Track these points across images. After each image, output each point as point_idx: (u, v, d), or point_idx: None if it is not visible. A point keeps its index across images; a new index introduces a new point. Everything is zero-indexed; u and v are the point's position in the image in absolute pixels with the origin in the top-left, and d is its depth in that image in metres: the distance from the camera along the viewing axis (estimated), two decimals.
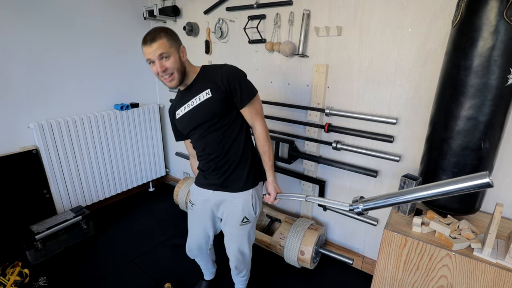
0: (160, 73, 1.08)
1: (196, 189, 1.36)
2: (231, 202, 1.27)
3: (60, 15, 2.04)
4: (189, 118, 1.20)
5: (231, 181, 1.26)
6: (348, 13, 1.57)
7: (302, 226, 1.84)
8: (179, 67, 1.10)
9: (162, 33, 1.06)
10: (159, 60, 1.06)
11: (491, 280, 1.04)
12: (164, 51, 1.05)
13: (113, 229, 2.29)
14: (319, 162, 1.84)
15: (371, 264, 1.86)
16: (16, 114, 1.94)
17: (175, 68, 1.09)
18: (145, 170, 2.76)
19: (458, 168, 1.16)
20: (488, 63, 1.02)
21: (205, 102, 1.14)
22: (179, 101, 1.23)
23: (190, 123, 1.20)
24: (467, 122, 1.10)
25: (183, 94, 1.22)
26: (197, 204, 1.36)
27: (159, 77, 1.11)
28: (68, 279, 1.78)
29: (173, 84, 1.12)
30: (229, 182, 1.26)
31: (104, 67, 2.36)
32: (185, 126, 1.23)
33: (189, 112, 1.19)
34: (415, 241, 1.17)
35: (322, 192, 1.91)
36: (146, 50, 1.06)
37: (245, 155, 1.25)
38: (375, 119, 1.58)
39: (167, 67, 1.07)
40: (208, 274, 1.71)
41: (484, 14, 0.99)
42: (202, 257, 1.55)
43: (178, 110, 1.23)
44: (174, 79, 1.10)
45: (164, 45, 1.06)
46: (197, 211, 1.37)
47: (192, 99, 1.17)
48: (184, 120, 1.22)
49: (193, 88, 1.18)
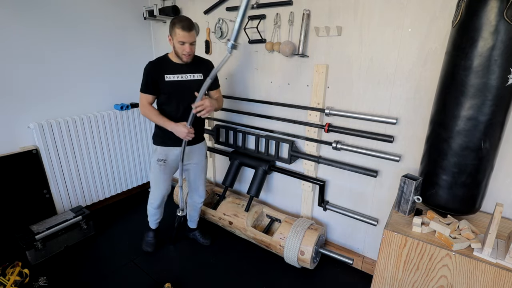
0: (188, 52, 1.57)
1: (163, 150, 1.75)
2: (197, 149, 1.85)
3: (60, 15, 2.04)
4: (179, 84, 1.64)
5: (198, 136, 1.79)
6: (348, 13, 1.57)
7: (302, 226, 1.84)
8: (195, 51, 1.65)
9: (194, 26, 1.56)
10: (189, 44, 1.55)
11: (491, 280, 1.04)
12: (194, 40, 1.59)
13: (113, 229, 2.29)
14: (319, 162, 1.84)
15: (371, 264, 1.86)
16: (16, 114, 1.94)
17: (193, 52, 1.63)
18: (145, 170, 2.76)
19: (458, 168, 1.16)
20: (488, 63, 1.02)
21: (197, 80, 1.68)
22: (172, 69, 1.64)
23: (179, 88, 1.64)
24: (467, 122, 1.10)
25: (178, 65, 1.65)
26: (169, 159, 1.76)
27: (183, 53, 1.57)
28: (68, 279, 1.78)
29: (189, 59, 1.61)
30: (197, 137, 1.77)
31: (104, 67, 2.36)
32: (173, 88, 1.64)
33: (182, 81, 1.65)
34: (415, 241, 1.17)
35: (322, 192, 1.91)
36: (184, 35, 1.51)
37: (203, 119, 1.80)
38: (375, 119, 1.58)
39: (192, 50, 1.60)
40: (156, 223, 2.05)
41: (484, 14, 0.99)
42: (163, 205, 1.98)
43: (170, 75, 1.63)
44: (190, 58, 1.62)
45: (195, 37, 1.58)
46: (168, 164, 1.78)
47: (188, 74, 1.67)
48: (174, 84, 1.64)
49: (190, 67, 1.66)
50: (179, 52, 1.57)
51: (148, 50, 2.67)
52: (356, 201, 1.85)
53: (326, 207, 1.93)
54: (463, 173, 1.16)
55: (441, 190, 1.23)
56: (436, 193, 1.25)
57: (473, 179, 1.16)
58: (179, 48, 1.55)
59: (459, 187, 1.18)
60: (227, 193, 2.33)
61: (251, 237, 2.02)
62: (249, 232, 2.01)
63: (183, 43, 1.53)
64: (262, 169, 2.06)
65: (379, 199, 1.75)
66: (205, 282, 1.77)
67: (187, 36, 1.51)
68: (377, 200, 1.76)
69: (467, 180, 1.16)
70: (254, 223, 2.10)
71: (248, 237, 2.06)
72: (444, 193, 1.22)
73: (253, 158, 2.13)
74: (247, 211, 2.10)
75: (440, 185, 1.23)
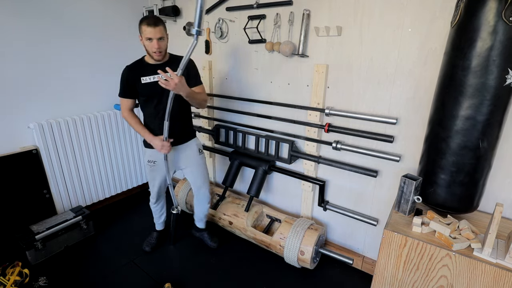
0: (156, 49, 1.52)
1: (153, 152, 1.75)
2: (187, 146, 1.80)
3: (60, 15, 2.04)
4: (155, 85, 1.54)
5: (183, 135, 1.77)
6: (348, 13, 1.57)
7: (302, 226, 1.84)
8: (165, 48, 1.60)
9: (161, 21, 1.52)
10: (157, 40, 1.51)
11: (491, 280, 1.04)
12: (162, 35, 1.54)
13: (113, 229, 2.29)
14: (319, 162, 1.84)
15: (371, 264, 1.86)
16: (16, 114, 1.94)
17: (164, 48, 1.58)
18: (145, 170, 2.76)
19: (457, 167, 1.16)
20: (486, 63, 1.02)
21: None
22: (148, 70, 1.61)
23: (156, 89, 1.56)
24: (466, 121, 1.10)
25: (153, 66, 1.60)
26: (158, 160, 1.77)
27: (152, 50, 1.53)
28: (68, 279, 1.78)
29: (159, 57, 1.57)
30: (182, 137, 1.76)
31: (104, 67, 2.37)
32: (150, 90, 1.62)
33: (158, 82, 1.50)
34: (415, 241, 1.17)
35: (322, 192, 1.91)
36: (149, 30, 1.47)
37: (189, 116, 1.81)
38: (375, 119, 1.58)
39: (161, 46, 1.54)
40: (160, 224, 2.09)
41: (482, 15, 0.99)
42: (162, 201, 2.02)
43: (146, 77, 1.61)
44: (161, 55, 1.57)
45: (163, 31, 1.53)
46: (159, 165, 1.79)
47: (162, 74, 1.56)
48: (150, 86, 1.61)
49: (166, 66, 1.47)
50: (149, 49, 1.54)
51: None
52: (356, 201, 1.85)
53: (326, 207, 1.93)
54: (461, 172, 1.16)
55: (440, 189, 1.23)
56: (435, 192, 1.25)
57: (471, 178, 1.17)
58: (148, 45, 1.53)
59: (457, 185, 1.19)
60: (227, 193, 2.33)
61: (251, 237, 2.02)
62: (249, 232, 2.01)
63: (150, 39, 1.50)
64: (262, 169, 2.06)
65: (379, 199, 1.75)
66: (205, 282, 1.77)
67: (153, 31, 1.48)
68: (377, 200, 1.76)
69: (465, 179, 1.17)
70: (254, 223, 2.10)
71: (248, 237, 2.06)
72: (443, 191, 1.23)
73: (253, 158, 2.13)
74: (247, 211, 2.10)
75: (439, 184, 1.23)
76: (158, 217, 2.06)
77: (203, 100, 1.69)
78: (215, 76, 2.31)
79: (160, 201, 2.01)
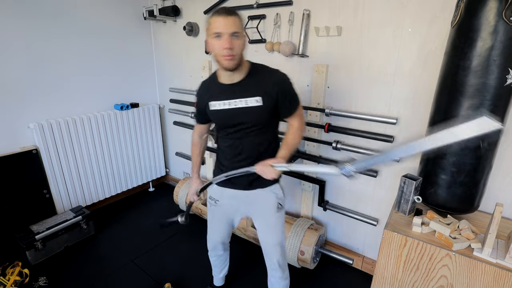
0: (226, 49, 0.99)
1: (219, 188, 1.32)
2: (262, 195, 1.26)
3: (60, 16, 2.04)
4: (229, 116, 1.15)
5: (260, 182, 1.22)
6: (348, 13, 1.57)
7: (302, 226, 1.84)
8: (240, 52, 1.05)
9: (236, 13, 1.02)
10: (229, 36, 0.99)
11: (491, 280, 1.04)
12: (238, 31, 1.00)
13: (113, 229, 2.29)
14: (319, 162, 1.84)
15: (371, 264, 1.86)
16: (16, 114, 1.94)
17: (239, 51, 1.03)
18: (145, 170, 2.76)
19: (457, 167, 1.16)
20: (487, 63, 1.02)
21: (254, 109, 1.11)
22: (219, 93, 1.16)
23: (229, 120, 1.16)
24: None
25: (226, 87, 1.14)
26: (222, 199, 1.33)
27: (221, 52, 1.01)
28: (68, 279, 1.78)
29: (230, 65, 1.04)
30: (257, 183, 1.24)
31: (104, 67, 2.37)
32: (222, 121, 1.19)
33: (231, 110, 1.13)
34: (415, 241, 1.17)
35: (322, 192, 1.91)
36: (219, 22, 0.98)
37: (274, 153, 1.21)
38: (375, 119, 1.58)
39: (234, 46, 1.01)
40: (220, 279, 1.67)
41: (483, 15, 0.99)
42: (224, 253, 1.56)
43: (215, 102, 1.16)
44: (233, 60, 1.03)
45: (238, 25, 1.01)
46: (222, 206, 1.34)
47: (238, 99, 1.11)
48: (222, 115, 1.17)
49: (241, 87, 1.11)
50: (218, 54, 1.03)
51: (148, 50, 2.67)
52: (356, 201, 1.85)
53: (326, 207, 1.93)
54: (461, 172, 1.16)
55: (440, 189, 1.23)
56: (435, 192, 1.25)
57: (472, 178, 1.17)
58: (215, 47, 1.02)
59: (457, 186, 1.19)
60: None
61: (251, 237, 2.02)
62: (249, 232, 2.01)
63: (219, 35, 0.99)
64: None
65: (379, 199, 1.75)
66: (205, 282, 1.77)
67: (223, 23, 0.97)
68: (377, 200, 1.76)
69: (465, 179, 1.17)
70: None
71: (248, 237, 2.06)
72: (443, 192, 1.23)
73: None
74: None
75: (439, 184, 1.23)
76: (218, 271, 1.63)
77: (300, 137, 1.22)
78: None
79: (219, 253, 1.53)
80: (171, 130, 2.89)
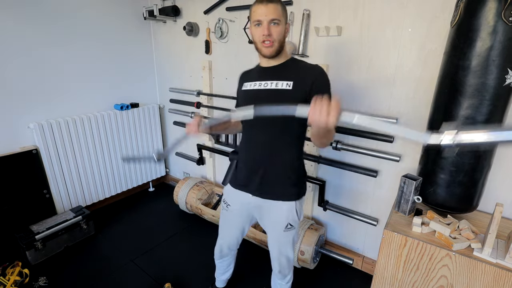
0: (265, 36, 1.02)
1: (232, 190, 1.28)
2: (274, 208, 1.20)
3: (60, 16, 2.04)
4: (255, 97, 1.11)
5: (273, 186, 1.16)
6: (348, 13, 1.57)
7: (302, 226, 1.84)
8: (281, 39, 1.06)
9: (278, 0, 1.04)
10: (268, 23, 1.01)
11: (491, 280, 1.04)
12: (277, 18, 1.02)
13: (113, 229, 2.29)
14: (319, 162, 1.84)
15: (371, 264, 1.86)
16: (16, 114, 1.94)
17: (278, 38, 1.04)
18: (145, 170, 2.77)
19: (456, 167, 1.17)
20: (486, 63, 1.02)
21: (281, 91, 1.06)
22: (254, 75, 1.17)
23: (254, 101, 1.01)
24: (465, 121, 1.10)
25: (262, 70, 1.15)
26: (233, 205, 1.30)
27: (260, 38, 1.04)
28: (68, 279, 1.78)
29: (269, 51, 1.05)
30: (270, 187, 1.17)
31: (104, 67, 2.37)
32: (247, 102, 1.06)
33: (259, 91, 1.09)
34: (415, 241, 1.17)
35: (322, 192, 1.91)
36: (259, 10, 1.01)
37: (294, 164, 1.15)
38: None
39: (273, 33, 1.02)
40: (222, 281, 1.65)
41: (482, 15, 0.99)
42: (228, 258, 1.54)
43: (249, 83, 1.16)
44: (273, 47, 1.05)
45: (278, 12, 1.02)
46: (234, 211, 1.31)
47: (269, 81, 1.09)
48: (249, 96, 1.14)
49: (277, 70, 1.10)
50: (257, 41, 1.06)
51: (148, 50, 2.67)
52: (356, 201, 1.85)
53: (326, 207, 1.93)
54: (460, 172, 1.16)
55: (439, 189, 1.23)
56: (434, 192, 1.25)
57: (470, 178, 1.17)
58: (255, 34, 1.05)
59: (456, 185, 1.19)
60: None
61: (251, 237, 2.02)
62: (249, 232, 2.01)
63: (259, 23, 1.02)
64: None
65: (379, 199, 1.75)
66: (205, 282, 1.77)
67: (264, 9, 1.00)
68: (377, 200, 1.76)
69: (464, 178, 1.17)
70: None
71: (248, 237, 2.06)
72: (442, 191, 1.23)
73: None
74: None
75: (438, 184, 1.23)
76: (220, 273, 1.61)
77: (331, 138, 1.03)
78: (215, 76, 2.31)
79: (225, 258, 1.52)
80: (171, 130, 2.89)
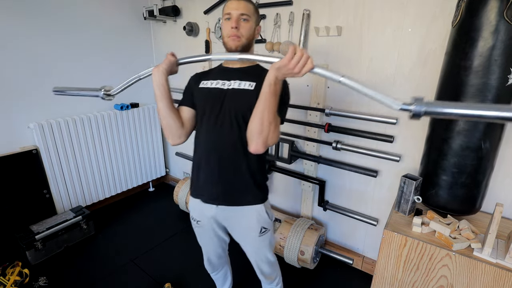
0: (232, 28, 1.01)
1: (196, 204, 1.19)
2: (242, 216, 1.14)
3: (60, 15, 2.04)
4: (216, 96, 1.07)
5: (235, 191, 1.10)
6: (348, 13, 1.57)
7: (302, 226, 1.84)
8: (249, 37, 1.06)
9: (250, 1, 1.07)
10: (237, 17, 1.02)
11: (491, 280, 1.04)
12: (247, 13, 1.03)
13: (113, 229, 2.29)
14: (319, 162, 1.84)
15: (371, 264, 1.86)
16: (16, 114, 1.94)
17: (247, 34, 1.04)
18: (145, 170, 2.76)
19: (458, 168, 1.16)
20: (488, 63, 1.02)
21: (244, 91, 1.04)
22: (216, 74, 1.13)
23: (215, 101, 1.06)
24: (467, 122, 1.10)
25: (226, 70, 1.13)
26: (202, 220, 1.22)
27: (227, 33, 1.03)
28: (68, 279, 1.78)
29: (235, 44, 1.03)
30: (232, 193, 1.10)
31: (104, 67, 2.36)
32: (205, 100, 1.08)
33: (220, 90, 1.06)
34: (415, 241, 1.17)
35: (322, 192, 1.91)
36: (231, 4, 1.03)
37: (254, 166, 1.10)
38: (375, 119, 1.58)
39: (241, 28, 1.03)
40: None
41: (484, 14, 0.99)
42: (222, 270, 1.50)
43: (209, 81, 1.11)
44: (239, 42, 1.04)
45: (249, 9, 1.04)
46: (205, 226, 1.23)
47: (232, 81, 1.07)
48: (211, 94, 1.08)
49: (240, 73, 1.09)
50: (225, 35, 1.05)
51: (148, 50, 2.67)
52: (356, 201, 1.85)
53: (326, 207, 1.93)
54: (463, 173, 1.16)
55: (441, 190, 1.23)
56: (436, 193, 1.25)
57: (473, 179, 1.16)
58: (225, 28, 1.04)
59: (459, 187, 1.18)
60: None
61: None
62: None
63: (229, 17, 1.02)
64: None
65: (379, 199, 1.75)
66: (205, 282, 1.77)
67: (235, 4, 1.02)
68: (377, 200, 1.76)
69: (467, 180, 1.16)
70: None
71: None
72: (444, 193, 1.22)
73: None
74: None
75: (440, 185, 1.23)
76: (220, 285, 1.58)
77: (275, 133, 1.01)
78: None
79: (218, 269, 1.47)
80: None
